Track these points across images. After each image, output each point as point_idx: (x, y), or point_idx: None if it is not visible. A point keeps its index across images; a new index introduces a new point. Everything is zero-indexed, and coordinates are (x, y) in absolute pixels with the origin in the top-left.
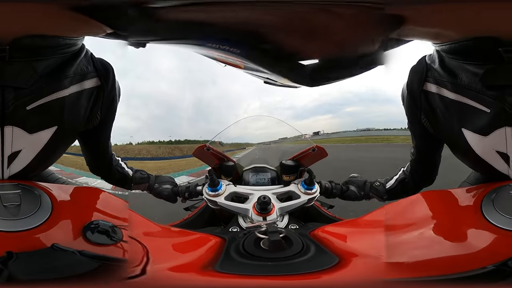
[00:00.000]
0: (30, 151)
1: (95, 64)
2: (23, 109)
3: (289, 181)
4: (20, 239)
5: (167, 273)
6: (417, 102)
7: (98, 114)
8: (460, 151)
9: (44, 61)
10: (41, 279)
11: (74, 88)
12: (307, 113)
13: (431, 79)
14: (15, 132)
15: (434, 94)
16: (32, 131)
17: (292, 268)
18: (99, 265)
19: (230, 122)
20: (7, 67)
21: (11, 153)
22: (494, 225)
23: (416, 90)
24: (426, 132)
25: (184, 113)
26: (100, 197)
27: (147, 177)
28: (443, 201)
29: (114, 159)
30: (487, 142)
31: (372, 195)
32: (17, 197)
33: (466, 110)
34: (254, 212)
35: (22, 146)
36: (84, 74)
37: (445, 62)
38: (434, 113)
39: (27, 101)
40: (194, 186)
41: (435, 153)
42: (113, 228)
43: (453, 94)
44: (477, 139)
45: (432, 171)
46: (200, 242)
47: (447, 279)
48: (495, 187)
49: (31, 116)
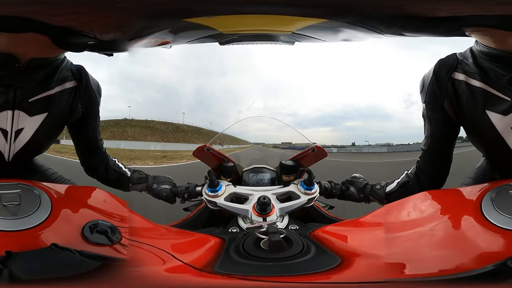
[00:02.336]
0: (29, 129)
1: (72, 70)
2: (26, 101)
3: (289, 181)
4: (20, 238)
5: (165, 273)
6: (442, 88)
7: (78, 106)
8: (481, 130)
9: (41, 72)
10: (40, 279)
11: (58, 88)
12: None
13: (460, 70)
14: (21, 115)
15: (461, 82)
16: (31, 115)
17: (293, 269)
18: (98, 265)
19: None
20: (20, 76)
21: (17, 129)
22: (494, 224)
23: (443, 77)
24: (445, 117)
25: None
26: (100, 197)
27: (145, 177)
28: (442, 200)
29: (110, 159)
30: (506, 120)
31: (372, 198)
32: (16, 197)
33: (490, 97)
34: (254, 213)
35: (24, 125)
36: (65, 78)
37: (478, 60)
38: (458, 98)
39: (29, 96)
40: (194, 186)
41: (449, 143)
42: (112, 228)
43: (479, 83)
44: (499, 117)
45: (442, 169)
46: (200, 242)
47: (448, 279)
48: (494, 186)
49: (31, 105)
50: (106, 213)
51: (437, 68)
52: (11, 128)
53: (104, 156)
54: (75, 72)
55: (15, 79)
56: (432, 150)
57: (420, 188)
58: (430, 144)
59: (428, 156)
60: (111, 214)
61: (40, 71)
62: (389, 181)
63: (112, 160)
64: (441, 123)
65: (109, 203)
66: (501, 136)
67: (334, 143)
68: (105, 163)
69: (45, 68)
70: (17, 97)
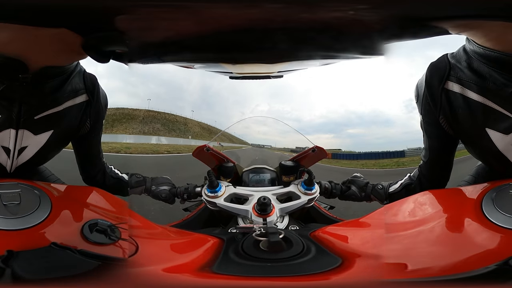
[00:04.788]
0: (34, 147)
1: (85, 80)
2: (32, 118)
3: (289, 182)
4: (20, 237)
5: (164, 273)
6: (436, 102)
7: (87, 123)
8: (481, 147)
9: (52, 82)
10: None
11: (68, 103)
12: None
13: (454, 78)
14: (25, 134)
15: (457, 94)
16: (36, 133)
17: (293, 269)
18: (98, 264)
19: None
20: (26, 89)
21: (20, 147)
22: (494, 223)
23: (436, 88)
24: (442, 132)
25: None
26: (99, 196)
27: (143, 180)
28: (443, 200)
29: (107, 166)
30: (508, 139)
31: (373, 197)
32: (17, 196)
33: (490, 113)
34: (254, 213)
35: (28, 143)
36: (76, 91)
37: (474, 65)
38: (455, 113)
39: (34, 113)
40: (193, 187)
41: (449, 155)
42: (111, 228)
43: (478, 96)
44: (500, 137)
45: (443, 176)
46: (198, 242)
47: (449, 279)
48: (495, 186)
49: (37, 123)
50: (106, 212)
51: (429, 76)
52: (14, 147)
53: (103, 165)
54: (88, 83)
55: (20, 92)
56: (431, 162)
57: (421, 191)
58: (429, 156)
59: (428, 166)
60: (111, 214)
61: (50, 82)
62: (391, 182)
63: (108, 167)
64: (438, 137)
65: (109, 203)
66: (501, 153)
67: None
68: (102, 171)
69: (57, 78)
70: (22, 114)
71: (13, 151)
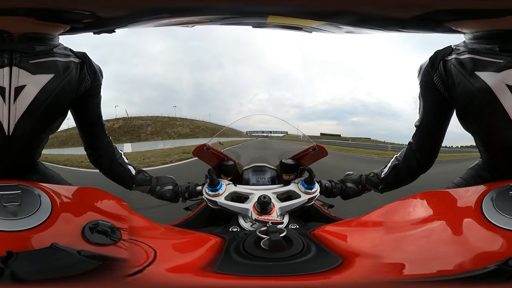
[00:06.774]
0: (33, 88)
1: (74, 52)
2: (27, 61)
3: (289, 180)
4: (20, 238)
5: (166, 273)
6: (434, 66)
7: (87, 77)
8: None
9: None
10: (40, 279)
11: (62, 58)
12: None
13: (453, 54)
14: (20, 72)
15: (452, 59)
16: (35, 73)
17: (294, 269)
18: (98, 265)
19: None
20: (16, 43)
21: (17, 86)
22: (494, 225)
23: (437, 60)
24: (438, 95)
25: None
26: (100, 197)
27: (149, 179)
28: (443, 201)
29: (116, 151)
30: (499, 76)
31: (368, 186)
32: (17, 197)
33: (480, 62)
34: (255, 212)
35: (26, 82)
36: (68, 55)
37: (468, 45)
38: (448, 71)
39: (29, 59)
40: (194, 186)
41: (441, 123)
42: (112, 228)
43: (468, 54)
44: (490, 74)
45: (432, 150)
46: (200, 242)
47: (449, 279)
48: (495, 187)
49: (33, 66)
50: (106, 213)
51: (433, 56)
52: (9, 84)
53: (110, 144)
54: (77, 54)
55: (10, 45)
56: (424, 127)
57: (407, 169)
58: (423, 121)
59: (419, 132)
60: (111, 214)
61: (38, 43)
62: (382, 167)
63: (118, 152)
64: (433, 100)
65: (109, 204)
66: (494, 94)
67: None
68: (110, 151)
69: (43, 42)
70: (14, 57)
71: (9, 91)
